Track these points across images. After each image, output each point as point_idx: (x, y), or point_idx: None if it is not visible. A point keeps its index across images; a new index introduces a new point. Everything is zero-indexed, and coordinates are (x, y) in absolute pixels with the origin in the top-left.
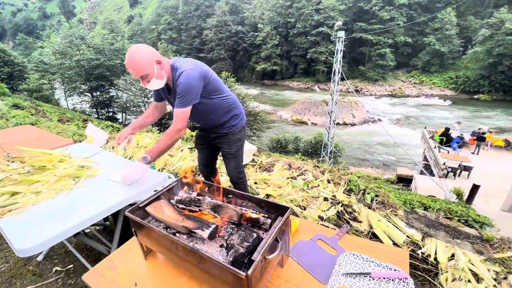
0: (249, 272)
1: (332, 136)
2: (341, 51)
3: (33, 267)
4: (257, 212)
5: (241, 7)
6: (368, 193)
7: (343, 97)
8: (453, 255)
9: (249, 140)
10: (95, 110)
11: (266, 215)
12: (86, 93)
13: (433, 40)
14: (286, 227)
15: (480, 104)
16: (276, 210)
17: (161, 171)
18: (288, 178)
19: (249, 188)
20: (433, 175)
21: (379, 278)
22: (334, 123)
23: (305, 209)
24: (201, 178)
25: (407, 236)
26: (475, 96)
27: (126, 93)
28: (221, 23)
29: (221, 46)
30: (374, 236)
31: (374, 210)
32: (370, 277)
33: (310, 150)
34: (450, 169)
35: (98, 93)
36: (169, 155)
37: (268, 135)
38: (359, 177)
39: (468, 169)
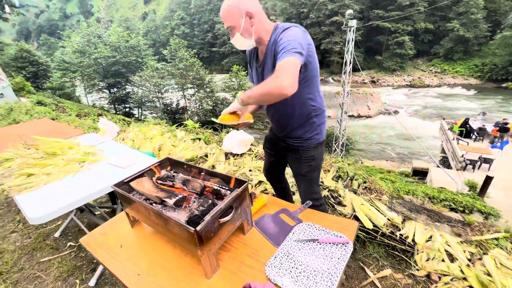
0: (198, 228)
1: (343, 129)
2: (352, 40)
3: (51, 241)
4: (221, 186)
5: None
6: (356, 180)
7: (357, 88)
8: (431, 237)
9: (260, 133)
10: (113, 106)
11: (227, 188)
12: (104, 90)
13: (457, 26)
14: (243, 199)
15: (508, 93)
16: (238, 184)
17: None
18: None
19: (243, 175)
20: (451, 168)
21: (324, 243)
22: (346, 115)
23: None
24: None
25: (388, 219)
26: (503, 85)
27: (142, 89)
28: None
29: None
30: (356, 219)
31: (359, 195)
32: (317, 242)
33: None
34: (468, 162)
35: (115, 89)
36: (172, 145)
37: None
38: (349, 164)
39: (488, 161)
